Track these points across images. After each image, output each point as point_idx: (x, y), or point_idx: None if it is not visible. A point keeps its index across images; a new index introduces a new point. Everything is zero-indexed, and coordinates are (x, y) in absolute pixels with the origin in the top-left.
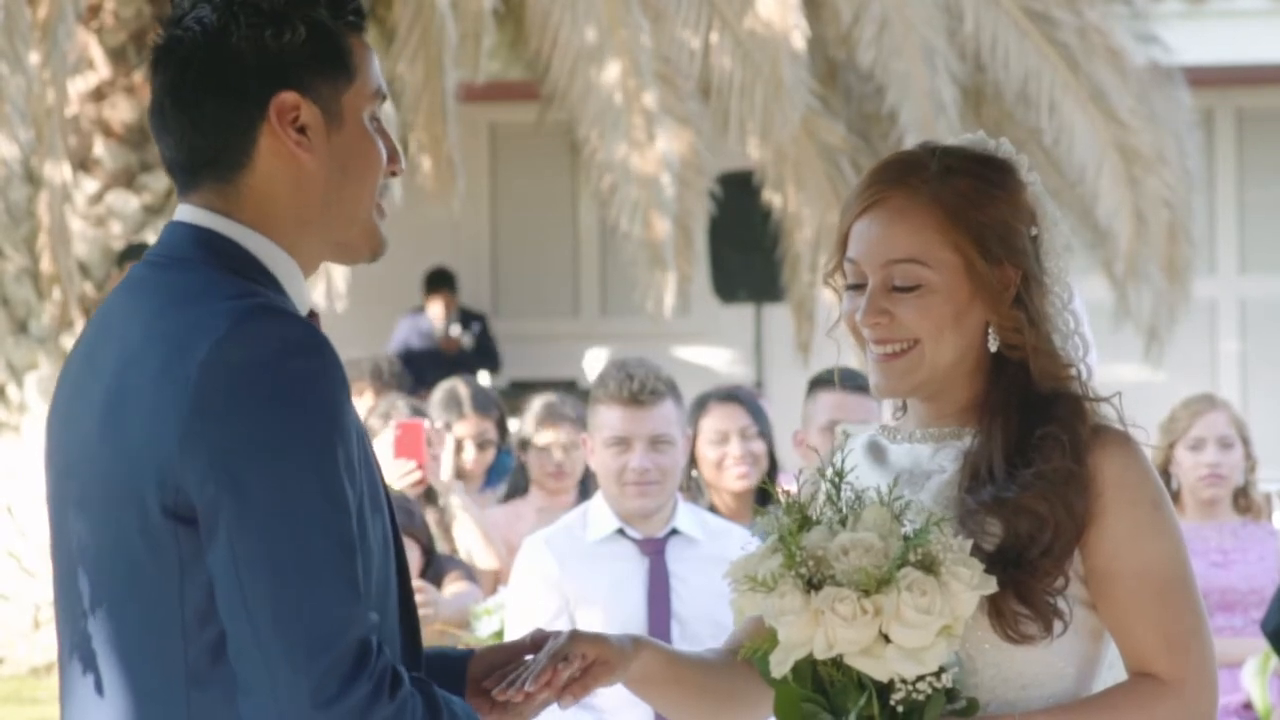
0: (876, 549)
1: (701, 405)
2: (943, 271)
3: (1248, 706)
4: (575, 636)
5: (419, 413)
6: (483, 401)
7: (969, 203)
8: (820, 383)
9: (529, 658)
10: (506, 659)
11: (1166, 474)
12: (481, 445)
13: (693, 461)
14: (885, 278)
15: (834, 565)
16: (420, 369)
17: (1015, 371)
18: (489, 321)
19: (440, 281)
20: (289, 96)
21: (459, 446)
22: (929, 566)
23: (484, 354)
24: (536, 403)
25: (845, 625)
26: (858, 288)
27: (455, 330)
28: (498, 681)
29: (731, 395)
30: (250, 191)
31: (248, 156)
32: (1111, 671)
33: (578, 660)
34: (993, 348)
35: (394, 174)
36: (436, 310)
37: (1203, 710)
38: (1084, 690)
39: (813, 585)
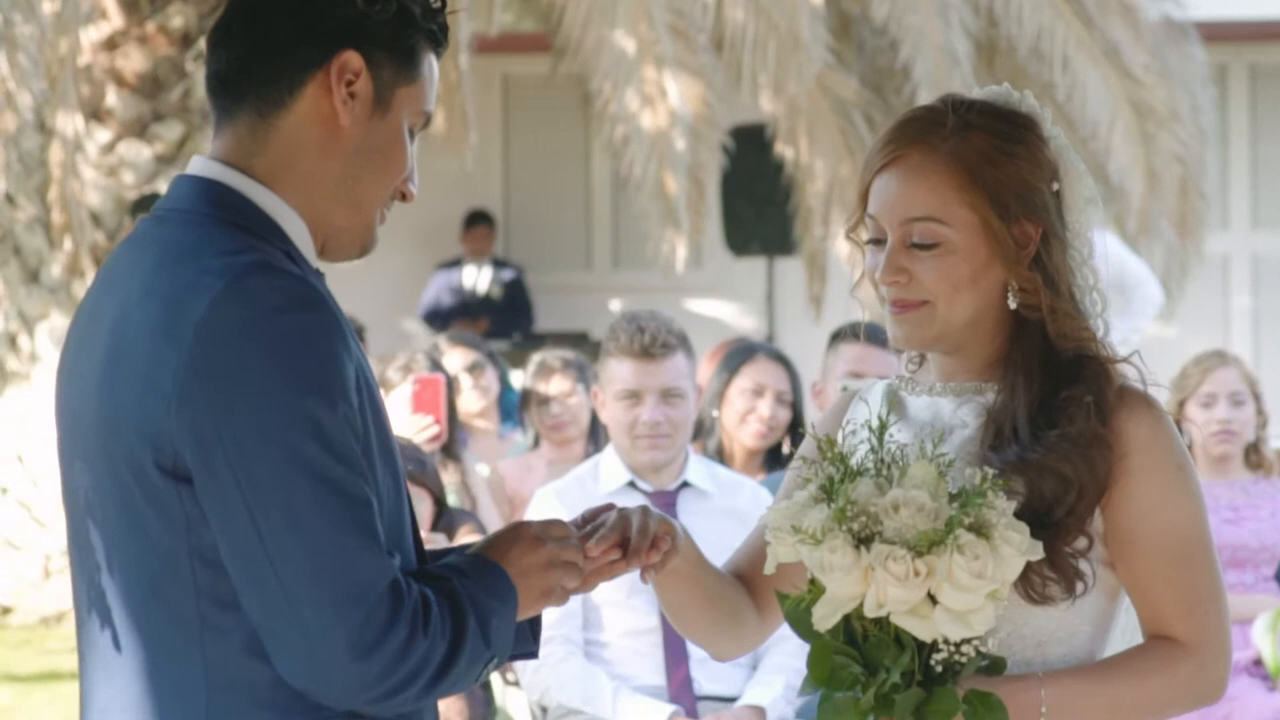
0: (928, 508)
1: (749, 354)
2: (961, 230)
3: (1258, 663)
4: (654, 515)
5: (438, 368)
6: (459, 338)
7: (986, 160)
8: (842, 335)
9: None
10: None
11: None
12: (472, 369)
13: (717, 402)
14: (904, 235)
15: (884, 521)
16: (451, 325)
17: (1037, 329)
18: (524, 275)
19: (480, 219)
20: (355, 59)
21: (456, 387)
22: (980, 529)
23: (517, 309)
24: (533, 359)
25: (897, 585)
26: (878, 243)
27: (485, 282)
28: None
29: (779, 355)
30: (280, 135)
31: (291, 97)
32: (1124, 636)
33: (669, 541)
34: (1012, 305)
35: (404, 196)
36: (473, 249)
37: (1219, 673)
38: (1098, 646)
39: (860, 540)
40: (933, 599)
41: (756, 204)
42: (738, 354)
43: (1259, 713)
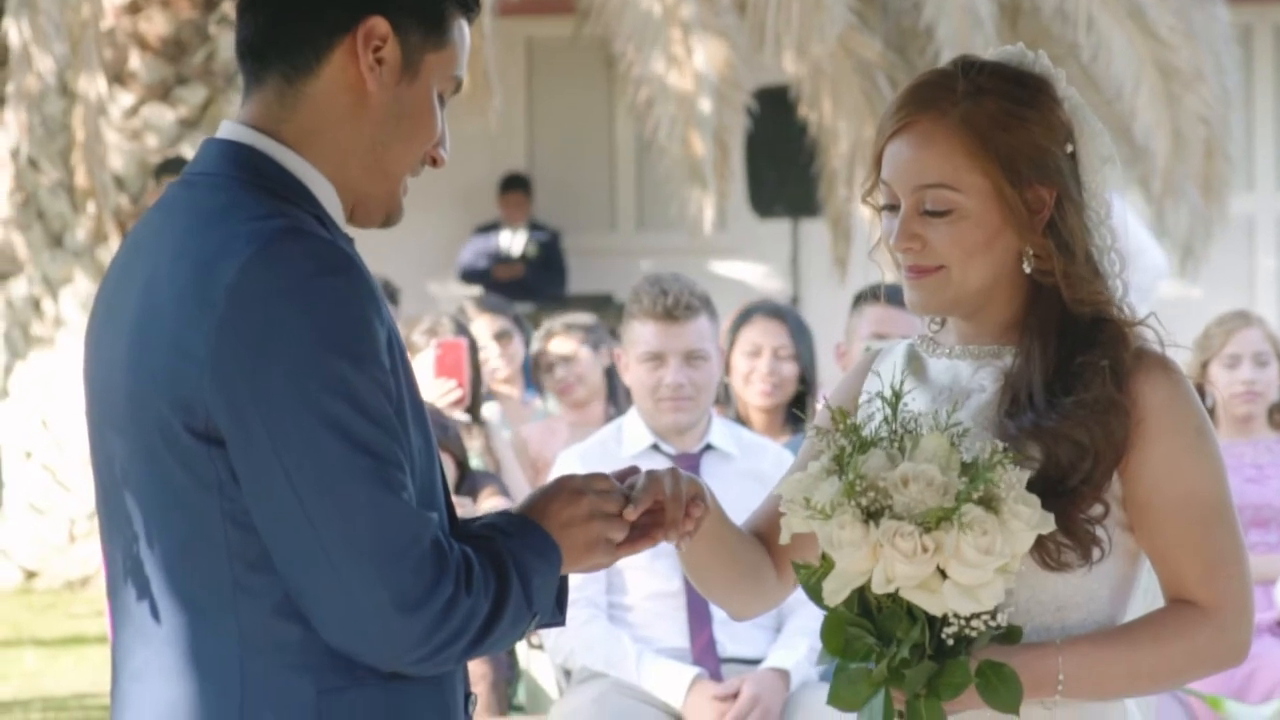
0: (938, 483)
1: (746, 317)
2: (974, 196)
3: None
4: (684, 477)
5: (463, 331)
6: (488, 303)
7: (998, 125)
8: (866, 297)
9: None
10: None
11: (1200, 391)
12: (500, 336)
13: (727, 369)
14: (917, 202)
15: (893, 496)
16: (486, 289)
17: (1053, 293)
18: (561, 237)
19: (516, 184)
20: (382, 25)
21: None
22: (989, 503)
23: (551, 270)
24: (543, 325)
25: (905, 561)
26: (893, 209)
27: (520, 243)
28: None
29: (775, 311)
30: (307, 101)
31: (318, 63)
32: (1146, 597)
33: (702, 506)
34: (1026, 269)
35: (434, 162)
36: (510, 213)
37: (1241, 636)
38: (1118, 610)
39: (870, 514)
40: (943, 573)
41: (781, 166)
42: (738, 319)
43: None
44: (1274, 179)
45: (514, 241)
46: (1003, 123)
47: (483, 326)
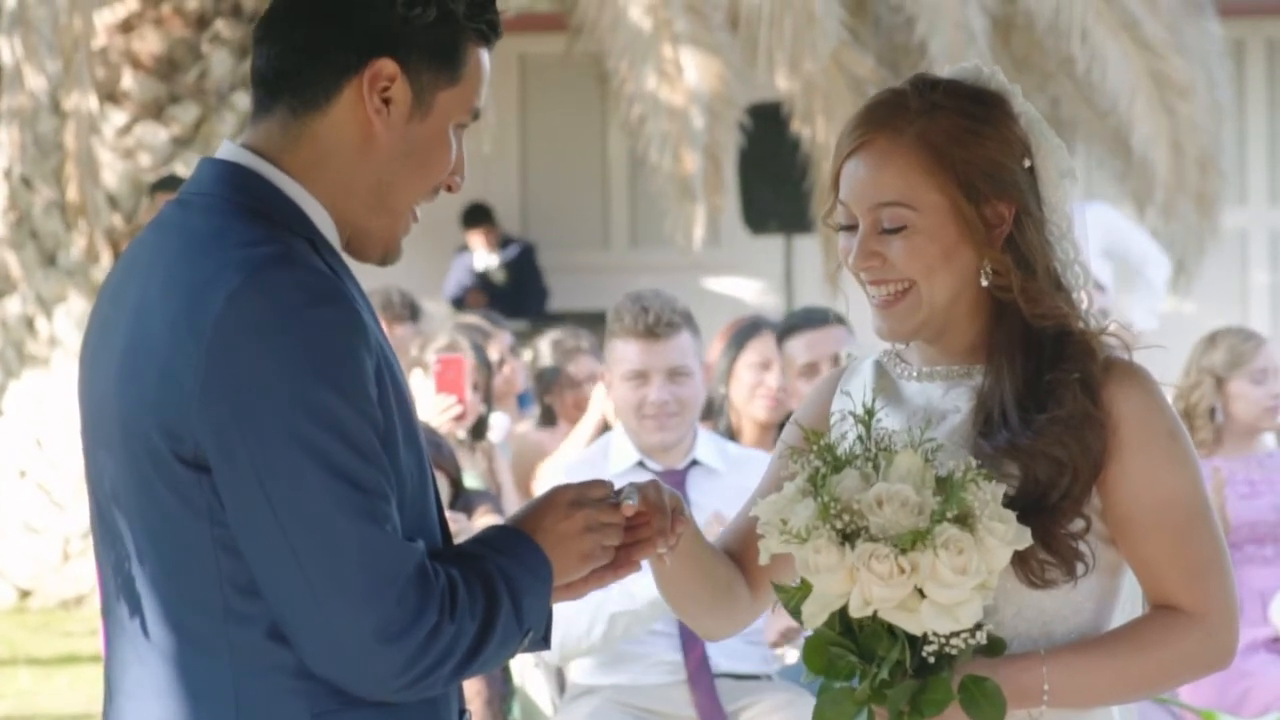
0: (912, 503)
1: (755, 330)
2: (929, 213)
3: (1277, 640)
4: (665, 490)
5: (477, 349)
6: (491, 318)
7: (954, 141)
8: (787, 330)
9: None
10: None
11: (1192, 412)
12: (515, 352)
13: (726, 379)
14: (874, 221)
15: (868, 518)
16: (465, 306)
17: (1016, 310)
18: (536, 252)
19: (478, 216)
20: (389, 66)
21: (500, 366)
22: (964, 520)
23: (526, 290)
24: (545, 342)
25: (881, 584)
26: (850, 229)
27: (493, 261)
28: None
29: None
30: (313, 137)
31: (327, 102)
32: (1125, 605)
33: (684, 519)
34: (984, 283)
35: (449, 189)
36: (478, 244)
37: (1227, 640)
38: (1103, 622)
39: (846, 536)
40: (921, 593)
41: (774, 182)
42: (744, 331)
43: (1277, 690)
44: (1266, 193)
45: (488, 261)
46: (959, 139)
47: (500, 343)
